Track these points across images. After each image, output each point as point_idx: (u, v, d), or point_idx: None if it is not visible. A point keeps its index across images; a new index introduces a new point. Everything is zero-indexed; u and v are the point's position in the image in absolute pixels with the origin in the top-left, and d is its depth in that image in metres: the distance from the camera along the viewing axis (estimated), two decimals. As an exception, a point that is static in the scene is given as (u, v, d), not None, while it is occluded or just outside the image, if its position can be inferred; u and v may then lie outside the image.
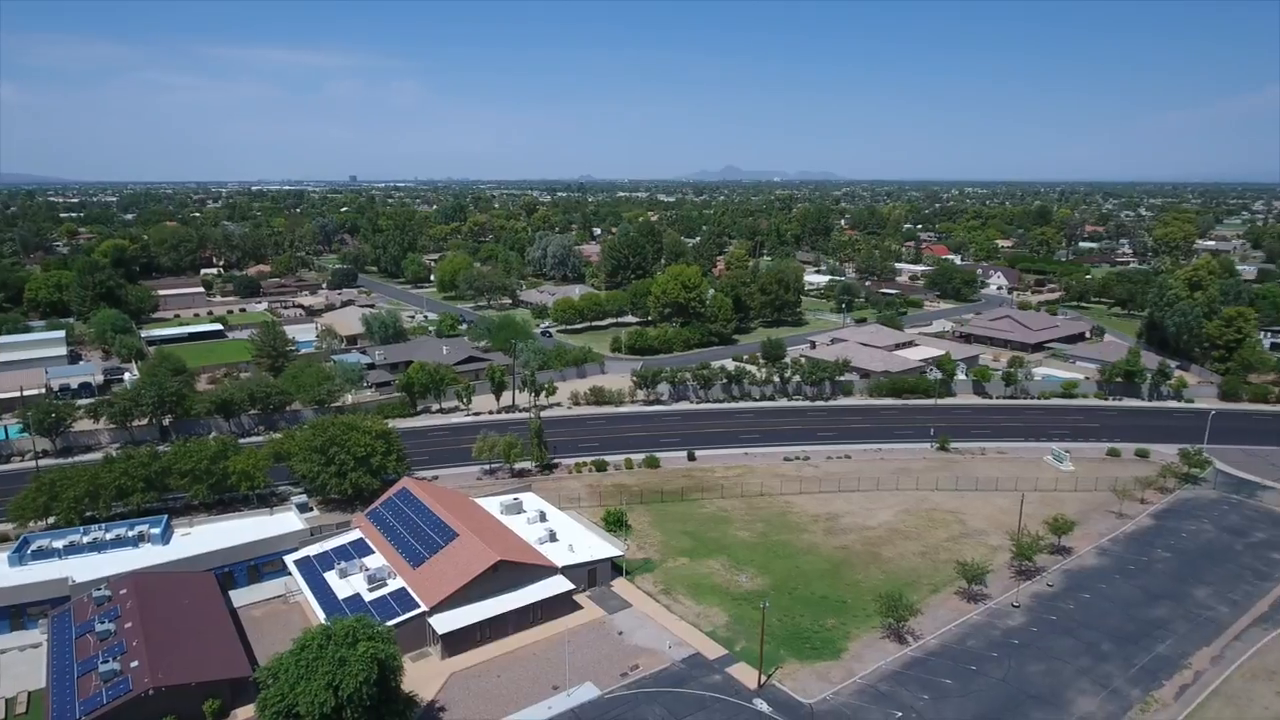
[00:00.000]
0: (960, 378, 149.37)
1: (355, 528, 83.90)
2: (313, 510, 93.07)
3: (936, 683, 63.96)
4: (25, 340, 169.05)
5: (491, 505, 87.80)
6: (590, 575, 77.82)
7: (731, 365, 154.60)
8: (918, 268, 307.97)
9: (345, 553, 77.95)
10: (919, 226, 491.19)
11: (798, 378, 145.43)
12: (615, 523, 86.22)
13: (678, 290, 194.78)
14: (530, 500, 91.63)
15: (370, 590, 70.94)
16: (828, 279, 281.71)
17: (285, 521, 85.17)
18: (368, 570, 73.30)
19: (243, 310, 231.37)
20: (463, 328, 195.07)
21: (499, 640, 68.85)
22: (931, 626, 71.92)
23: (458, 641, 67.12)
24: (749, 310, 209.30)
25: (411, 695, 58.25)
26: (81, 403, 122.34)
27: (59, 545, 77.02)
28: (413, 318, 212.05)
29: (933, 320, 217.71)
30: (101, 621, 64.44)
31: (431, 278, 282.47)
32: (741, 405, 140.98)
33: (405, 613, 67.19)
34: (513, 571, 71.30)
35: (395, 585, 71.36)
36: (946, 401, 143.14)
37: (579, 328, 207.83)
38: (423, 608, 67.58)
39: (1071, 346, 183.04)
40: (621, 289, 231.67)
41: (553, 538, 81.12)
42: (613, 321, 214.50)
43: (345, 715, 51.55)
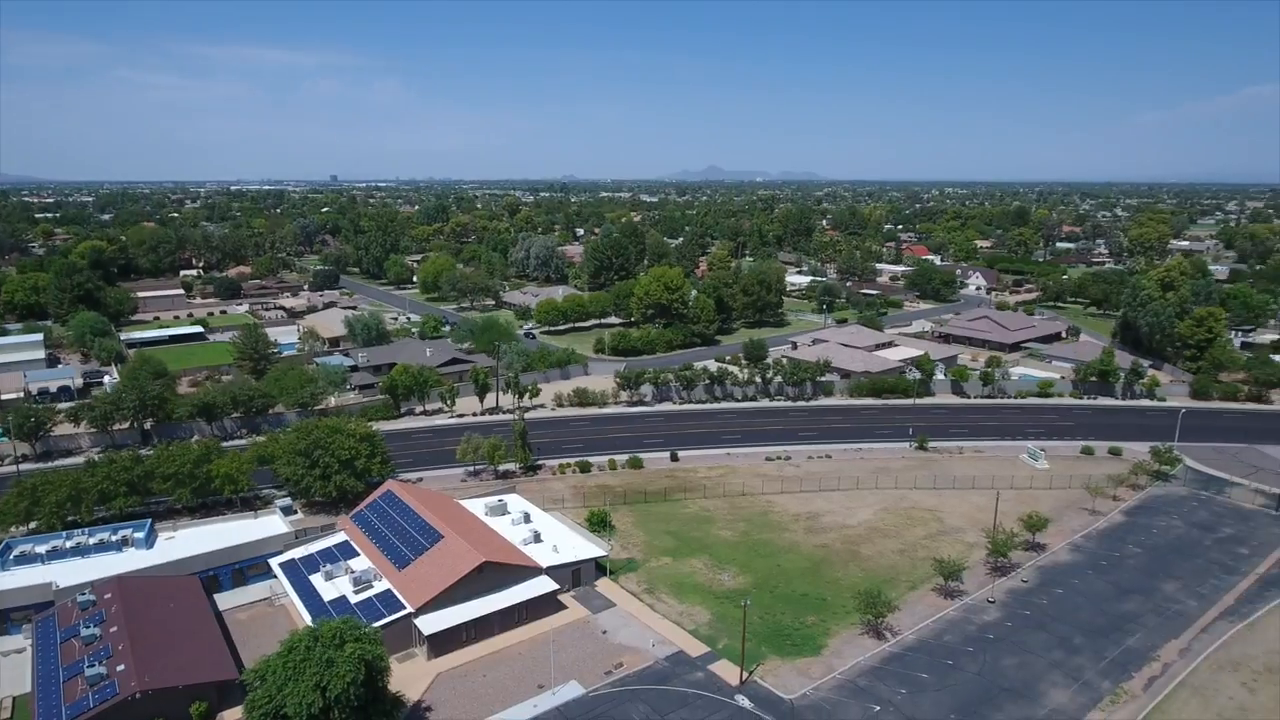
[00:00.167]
0: (939, 378, 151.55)
1: (340, 530, 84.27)
2: (297, 513, 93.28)
3: (914, 677, 65.44)
4: (2, 344, 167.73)
5: (476, 507, 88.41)
6: (574, 575, 78.71)
7: (714, 366, 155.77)
8: (898, 268, 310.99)
9: (330, 555, 78.33)
10: (899, 227, 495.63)
11: (779, 378, 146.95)
12: (599, 523, 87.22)
13: (660, 291, 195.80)
14: (515, 501, 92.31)
15: (356, 592, 71.45)
16: (809, 280, 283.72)
17: (270, 525, 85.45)
18: (353, 572, 73.78)
19: (223, 312, 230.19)
20: (446, 329, 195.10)
21: (485, 640, 69.61)
22: (909, 622, 73.45)
23: (444, 642, 67.82)
24: (731, 311, 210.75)
25: (398, 695, 58.98)
26: (61, 406, 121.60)
27: (42, 550, 77.00)
28: (395, 319, 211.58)
29: (912, 321, 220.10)
30: (86, 626, 64.54)
31: (414, 279, 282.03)
32: (724, 406, 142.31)
33: (391, 614, 67.77)
34: (498, 572, 72.07)
35: (381, 587, 71.89)
36: (925, 401, 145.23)
37: (562, 329, 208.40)
38: (409, 609, 68.20)
39: (1048, 346, 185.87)
40: (604, 290, 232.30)
41: (537, 539, 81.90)
42: (596, 323, 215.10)
43: (333, 716, 52.22)
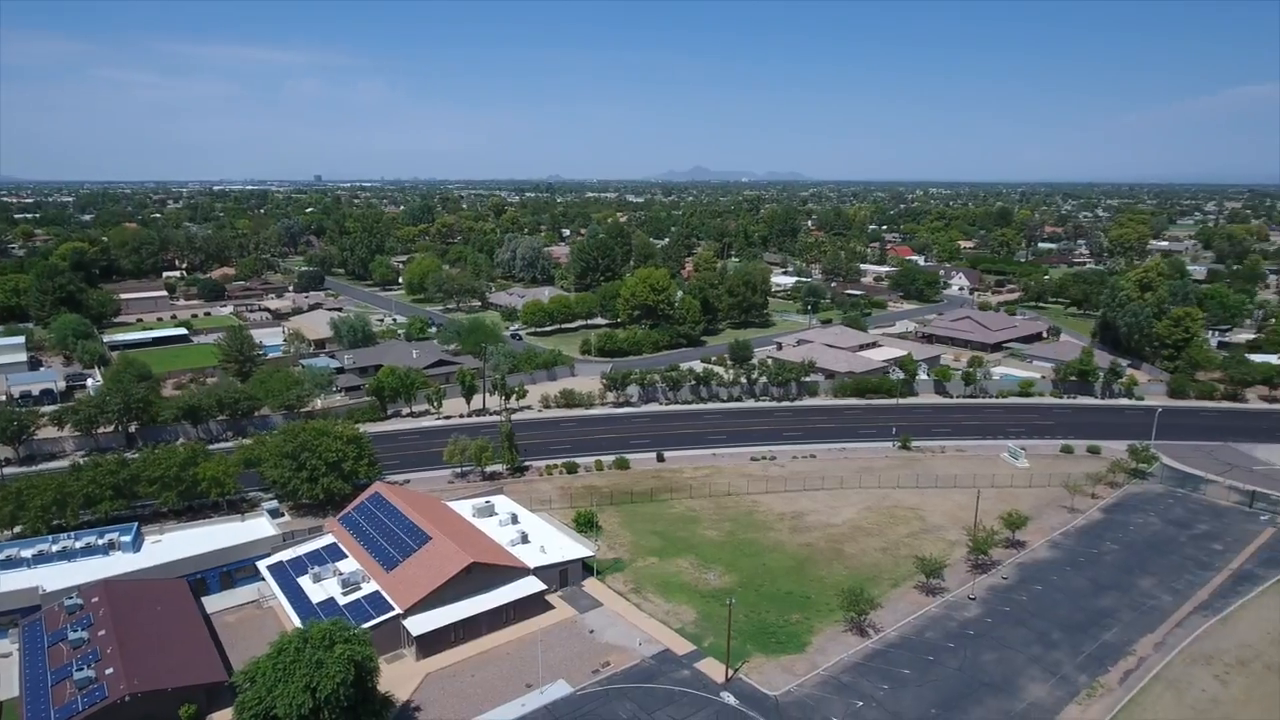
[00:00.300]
0: (922, 378, 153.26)
1: (328, 532, 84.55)
2: (284, 516, 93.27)
3: (896, 673, 66.62)
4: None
5: (463, 508, 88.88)
6: (562, 575, 79.42)
7: (700, 367, 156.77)
8: (882, 269, 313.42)
9: (318, 557, 78.61)
10: (884, 227, 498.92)
11: (764, 379, 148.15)
12: (586, 524, 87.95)
13: (646, 292, 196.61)
14: (502, 503, 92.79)
15: (345, 594, 71.81)
16: (794, 280, 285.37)
17: (257, 527, 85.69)
18: (341, 574, 74.12)
19: (208, 314, 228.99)
20: (432, 331, 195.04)
21: (473, 641, 70.20)
22: (891, 619, 74.66)
23: (432, 643, 68.33)
24: (717, 312, 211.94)
25: (388, 696, 59.62)
26: (44, 410, 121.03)
27: (28, 554, 76.83)
28: (381, 321, 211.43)
29: (896, 321, 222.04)
30: (74, 630, 64.64)
31: (400, 280, 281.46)
32: (709, 406, 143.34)
33: (380, 615, 68.21)
34: (485, 573, 72.67)
35: (369, 589, 72.31)
36: (908, 401, 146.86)
37: (548, 330, 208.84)
38: (397, 610, 68.67)
39: (1029, 346, 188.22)
40: (591, 291, 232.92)
41: (524, 539, 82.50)
42: (582, 324, 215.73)
43: (323, 716, 52.73)
